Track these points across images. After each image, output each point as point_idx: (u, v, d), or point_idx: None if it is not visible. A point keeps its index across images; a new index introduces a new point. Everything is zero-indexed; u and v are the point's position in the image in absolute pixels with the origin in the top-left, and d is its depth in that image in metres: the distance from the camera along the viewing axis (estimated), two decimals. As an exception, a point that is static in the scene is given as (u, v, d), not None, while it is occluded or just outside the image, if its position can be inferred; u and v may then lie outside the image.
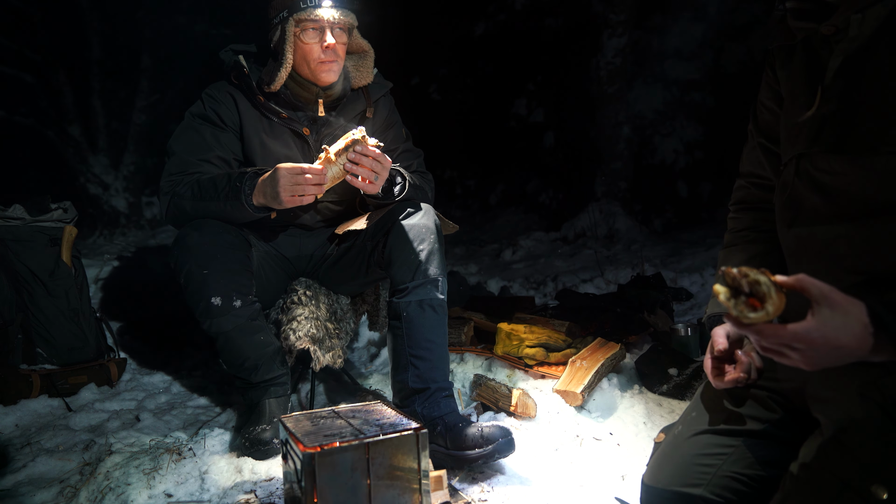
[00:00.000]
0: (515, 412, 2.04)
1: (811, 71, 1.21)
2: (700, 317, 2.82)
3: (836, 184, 1.11)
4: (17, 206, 2.68)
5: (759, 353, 1.00)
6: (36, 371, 2.47)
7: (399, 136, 2.26)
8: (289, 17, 1.94)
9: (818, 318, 0.92)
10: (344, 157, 1.85)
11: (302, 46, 1.97)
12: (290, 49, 1.96)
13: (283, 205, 1.84)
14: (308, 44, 1.96)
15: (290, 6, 1.93)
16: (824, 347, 0.92)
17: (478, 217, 8.28)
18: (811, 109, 1.18)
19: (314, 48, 1.96)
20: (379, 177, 1.90)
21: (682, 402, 2.18)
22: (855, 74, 1.11)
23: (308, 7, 1.92)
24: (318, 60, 1.97)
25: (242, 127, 2.06)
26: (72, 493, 1.71)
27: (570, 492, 1.64)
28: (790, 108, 1.26)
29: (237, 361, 1.98)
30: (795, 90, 1.24)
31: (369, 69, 2.16)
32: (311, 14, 1.92)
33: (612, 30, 6.54)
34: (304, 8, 1.92)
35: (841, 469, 0.98)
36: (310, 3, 1.92)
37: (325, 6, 1.93)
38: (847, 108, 1.12)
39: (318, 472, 1.28)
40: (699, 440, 1.22)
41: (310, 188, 1.82)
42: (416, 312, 1.89)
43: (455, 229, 2.15)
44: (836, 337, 0.92)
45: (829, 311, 0.92)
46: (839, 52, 1.14)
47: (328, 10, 1.94)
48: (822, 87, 1.16)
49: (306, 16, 1.93)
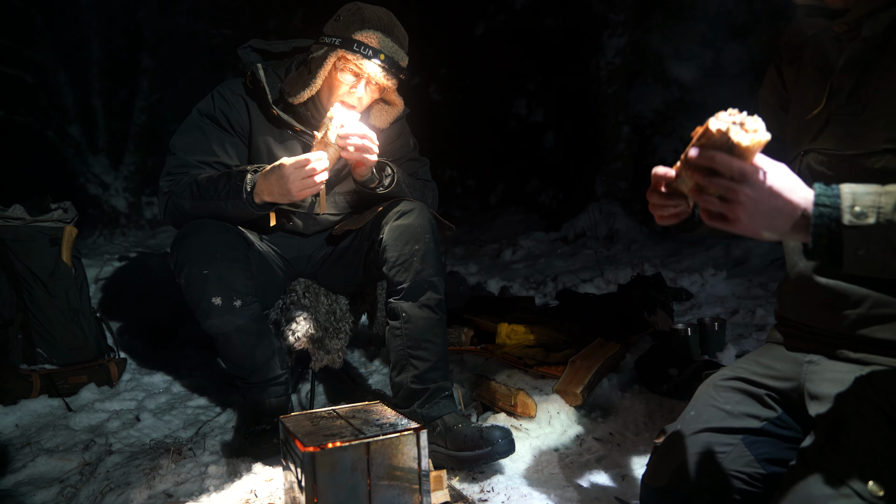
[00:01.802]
0: (515, 412, 2.04)
1: (821, 68, 1.21)
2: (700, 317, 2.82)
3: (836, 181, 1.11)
4: (17, 206, 2.68)
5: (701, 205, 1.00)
6: (36, 371, 2.47)
7: (406, 145, 2.25)
8: (338, 48, 1.89)
9: (776, 169, 0.95)
10: (334, 134, 1.85)
11: (334, 79, 1.93)
12: (322, 75, 1.92)
13: (295, 200, 1.87)
14: (340, 82, 1.92)
15: (344, 41, 1.88)
16: (767, 201, 0.93)
17: (478, 217, 8.27)
18: (819, 107, 1.18)
19: (343, 87, 1.93)
20: (369, 149, 1.88)
21: (682, 402, 2.18)
22: (864, 73, 1.12)
23: (358, 53, 1.87)
24: (339, 99, 1.94)
25: (251, 133, 2.04)
26: (72, 493, 1.71)
27: (570, 492, 1.64)
28: (798, 104, 1.26)
29: (237, 361, 1.98)
30: (804, 87, 1.24)
31: (389, 120, 2.12)
32: (358, 61, 1.87)
33: (612, 30, 6.54)
34: (354, 51, 1.87)
35: (838, 467, 0.98)
36: (361, 51, 1.86)
37: (374, 62, 1.87)
38: (854, 106, 1.12)
39: (318, 472, 1.29)
40: (699, 439, 1.22)
41: (318, 176, 1.83)
42: (415, 312, 1.89)
43: (451, 230, 2.14)
44: (780, 195, 0.94)
45: (788, 173, 0.96)
46: (850, 50, 1.14)
47: (374, 67, 1.88)
48: (831, 85, 1.17)
49: (352, 59, 1.88)
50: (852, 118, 1.13)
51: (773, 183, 0.94)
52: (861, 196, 0.93)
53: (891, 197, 0.92)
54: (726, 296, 3.79)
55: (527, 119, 7.96)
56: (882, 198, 0.93)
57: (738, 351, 2.69)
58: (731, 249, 4.87)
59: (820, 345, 1.21)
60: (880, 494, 0.93)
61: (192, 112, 2.05)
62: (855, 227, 0.92)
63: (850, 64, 1.14)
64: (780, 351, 1.30)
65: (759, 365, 1.29)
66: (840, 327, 1.15)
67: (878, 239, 0.92)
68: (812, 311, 1.21)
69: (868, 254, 0.93)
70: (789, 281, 1.27)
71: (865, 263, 0.94)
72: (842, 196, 0.94)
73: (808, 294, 1.20)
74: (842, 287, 1.14)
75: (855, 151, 1.11)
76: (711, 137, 0.94)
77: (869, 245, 0.92)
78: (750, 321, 3.18)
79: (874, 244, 0.92)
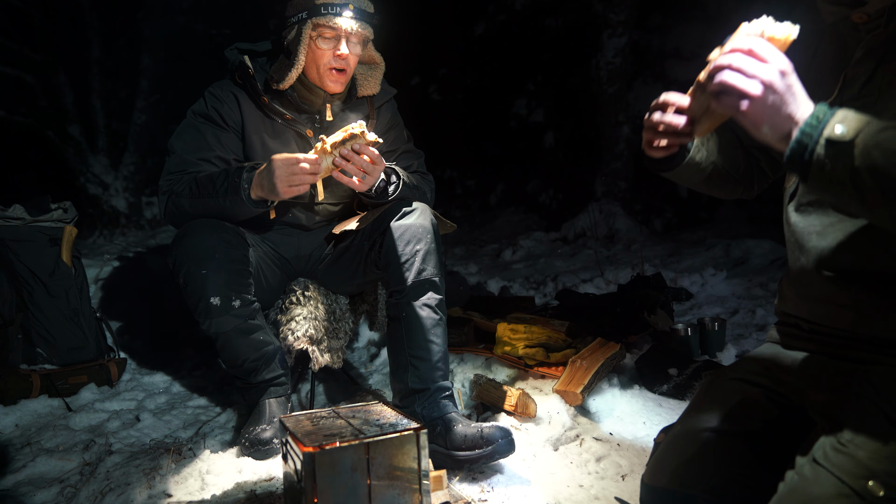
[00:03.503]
0: (515, 412, 2.04)
1: (837, 57, 1.20)
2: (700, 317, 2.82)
3: None
4: (17, 206, 2.68)
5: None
6: (36, 371, 2.47)
7: (400, 137, 2.27)
8: (307, 19, 1.94)
9: (798, 79, 0.98)
10: (339, 150, 1.85)
11: (315, 50, 1.97)
12: (303, 51, 1.96)
13: (280, 196, 1.85)
14: (321, 49, 1.96)
15: (311, 9, 1.93)
16: (783, 94, 0.96)
17: (478, 217, 8.27)
18: (831, 97, 1.17)
19: (326, 54, 1.97)
20: (368, 177, 1.90)
21: (682, 402, 2.18)
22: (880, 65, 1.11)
23: (328, 14, 1.92)
24: (328, 67, 1.98)
25: (244, 126, 2.06)
26: (72, 493, 1.71)
27: (570, 492, 1.64)
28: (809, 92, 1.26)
29: (237, 361, 1.98)
30: (819, 74, 1.23)
31: (377, 81, 2.17)
32: (330, 21, 1.93)
33: (612, 30, 6.54)
34: (324, 14, 1.92)
35: (838, 467, 0.98)
36: (331, 11, 1.92)
37: (346, 16, 1.93)
38: (866, 99, 1.11)
39: (318, 471, 1.28)
40: (698, 440, 1.22)
41: (305, 177, 1.83)
42: (415, 313, 1.89)
43: (453, 228, 2.15)
44: (796, 95, 0.97)
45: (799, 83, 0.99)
46: (868, 41, 1.13)
47: (347, 21, 1.94)
48: (845, 75, 1.16)
49: (325, 21, 1.93)
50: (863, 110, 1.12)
51: (794, 83, 0.98)
52: (851, 118, 0.95)
53: (877, 125, 0.93)
54: (726, 296, 3.79)
55: (527, 119, 7.96)
56: (870, 125, 0.94)
57: (738, 351, 2.69)
58: (731, 249, 4.87)
59: (820, 344, 1.21)
60: (880, 494, 0.93)
61: (187, 114, 2.09)
62: (831, 143, 0.94)
63: (867, 55, 1.13)
64: (779, 351, 1.30)
65: (759, 365, 1.29)
66: (840, 324, 1.15)
67: (845, 157, 0.93)
68: (812, 305, 1.21)
69: (832, 171, 0.94)
70: (790, 275, 1.27)
71: (826, 183, 0.96)
72: (836, 113, 0.96)
73: (808, 289, 1.20)
74: (842, 282, 1.13)
75: None
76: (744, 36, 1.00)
77: (835, 162, 0.94)
78: (750, 321, 3.18)
79: (839, 163, 0.94)
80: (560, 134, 7.65)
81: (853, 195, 0.94)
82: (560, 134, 7.65)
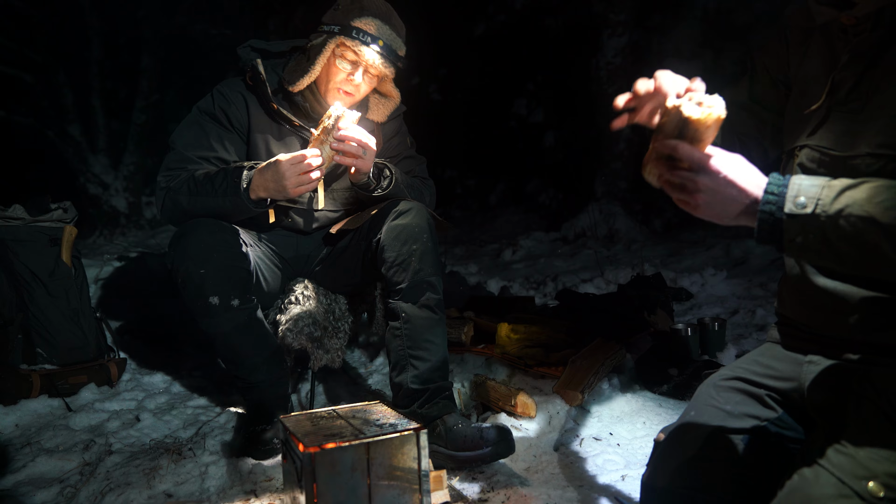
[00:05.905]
0: (515, 412, 2.04)
1: (825, 60, 1.20)
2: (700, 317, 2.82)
3: None
4: (17, 206, 2.68)
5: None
6: (36, 371, 2.47)
7: (403, 143, 2.27)
8: (337, 34, 1.92)
9: (732, 160, 1.01)
10: (332, 135, 1.87)
11: (332, 66, 1.96)
12: (321, 61, 1.96)
13: (290, 196, 1.88)
14: (338, 68, 1.95)
15: (343, 28, 1.91)
16: (723, 190, 1.00)
17: (478, 217, 8.27)
18: (818, 101, 1.17)
19: (341, 74, 1.96)
20: (367, 152, 1.91)
21: (682, 402, 2.18)
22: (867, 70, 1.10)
23: (356, 39, 1.90)
24: (337, 86, 1.97)
25: (250, 128, 2.06)
26: (72, 493, 1.71)
27: (570, 492, 1.64)
28: (798, 95, 1.25)
29: (236, 361, 1.98)
30: (806, 78, 1.23)
31: (387, 112, 2.17)
32: (356, 47, 1.91)
33: (612, 30, 6.55)
34: (353, 38, 1.90)
35: (838, 467, 0.98)
36: (360, 38, 1.90)
37: (372, 48, 1.91)
38: (853, 104, 1.11)
39: (318, 471, 1.28)
40: (699, 439, 1.22)
41: (313, 173, 1.85)
42: (414, 313, 1.89)
43: (449, 228, 2.14)
44: (734, 184, 1.00)
45: (743, 163, 1.02)
46: (855, 45, 1.13)
47: (372, 53, 1.92)
48: (833, 80, 1.16)
49: (351, 45, 1.91)
50: (850, 116, 1.12)
51: (728, 173, 1.00)
52: (806, 188, 0.98)
53: (832, 190, 0.97)
54: (726, 296, 3.79)
55: (527, 119, 7.96)
56: (824, 190, 0.97)
57: (738, 351, 2.68)
58: (731, 249, 4.87)
59: (820, 346, 1.21)
60: (880, 495, 0.93)
61: (193, 110, 2.08)
62: (794, 216, 0.97)
63: (854, 59, 1.13)
64: (779, 351, 1.29)
65: (759, 365, 1.29)
66: (839, 331, 1.15)
67: (814, 228, 0.97)
68: (811, 312, 1.21)
69: (805, 242, 0.98)
70: (789, 281, 1.27)
71: (803, 251, 1.00)
72: (789, 186, 0.99)
73: (806, 295, 1.20)
74: (841, 290, 1.12)
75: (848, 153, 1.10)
76: (668, 114, 1.02)
77: (805, 234, 0.98)
78: (750, 321, 3.18)
79: (810, 233, 0.97)
80: (560, 134, 7.65)
81: (833, 259, 0.99)
82: (560, 134, 7.65)
